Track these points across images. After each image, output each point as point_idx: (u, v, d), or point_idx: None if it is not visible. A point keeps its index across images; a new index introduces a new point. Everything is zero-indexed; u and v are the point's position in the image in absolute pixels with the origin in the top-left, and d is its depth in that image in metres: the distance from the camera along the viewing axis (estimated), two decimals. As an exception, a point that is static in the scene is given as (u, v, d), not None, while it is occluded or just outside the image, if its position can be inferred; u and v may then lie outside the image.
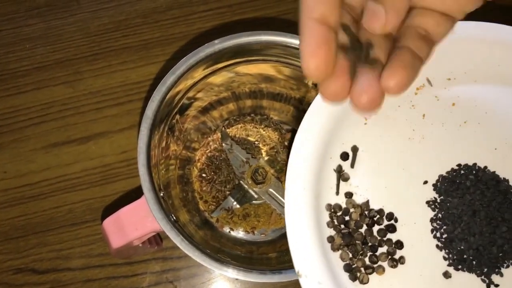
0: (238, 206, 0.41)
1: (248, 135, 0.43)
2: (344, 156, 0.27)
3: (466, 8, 0.21)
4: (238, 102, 0.42)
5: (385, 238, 0.27)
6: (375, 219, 0.27)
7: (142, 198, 0.31)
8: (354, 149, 0.27)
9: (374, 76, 0.19)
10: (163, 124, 0.34)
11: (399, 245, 0.27)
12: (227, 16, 0.49)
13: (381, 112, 0.27)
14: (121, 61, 0.47)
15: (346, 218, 0.27)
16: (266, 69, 0.37)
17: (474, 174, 0.28)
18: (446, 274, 0.26)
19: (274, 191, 0.40)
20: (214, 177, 0.42)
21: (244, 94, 0.41)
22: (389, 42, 0.20)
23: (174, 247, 0.40)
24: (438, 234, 0.27)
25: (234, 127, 0.43)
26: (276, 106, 0.42)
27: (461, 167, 0.28)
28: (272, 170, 0.41)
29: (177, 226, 0.31)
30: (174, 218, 0.32)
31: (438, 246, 0.27)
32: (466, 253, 0.26)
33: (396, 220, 0.27)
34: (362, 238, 0.26)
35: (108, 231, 0.31)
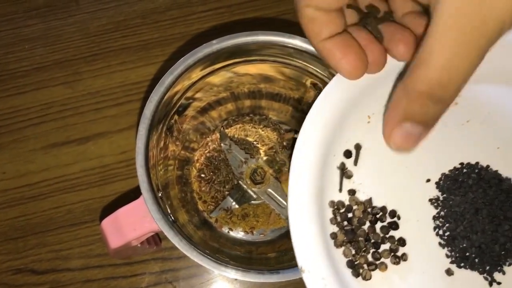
0: (237, 206, 0.41)
1: (247, 135, 0.43)
2: (347, 153, 0.27)
3: None
4: (236, 102, 0.42)
5: (387, 235, 0.27)
6: (378, 216, 0.27)
7: (140, 199, 0.31)
8: (358, 147, 0.27)
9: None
10: (162, 124, 0.34)
11: (402, 242, 0.27)
12: (226, 16, 0.49)
13: (384, 110, 0.27)
14: (120, 61, 0.47)
15: (349, 215, 0.27)
16: (265, 69, 0.37)
17: (477, 173, 0.28)
18: (449, 272, 0.26)
19: (272, 191, 0.40)
20: (213, 177, 0.42)
21: (242, 94, 0.41)
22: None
23: (173, 248, 0.40)
24: (441, 232, 0.27)
25: (233, 127, 0.43)
26: (274, 106, 0.42)
27: (463, 166, 0.28)
28: (270, 170, 0.41)
29: (175, 226, 0.31)
30: (173, 218, 0.32)
31: (440, 244, 0.27)
32: (468, 250, 0.26)
33: (399, 217, 0.27)
34: (365, 235, 0.27)
35: (106, 232, 0.31)
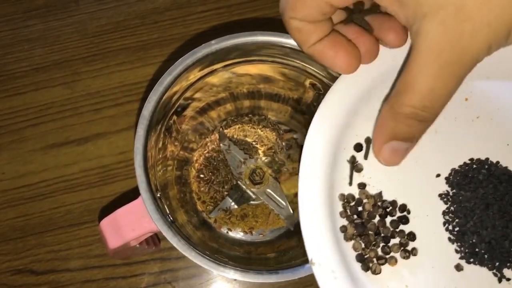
0: (236, 206, 0.41)
1: (246, 136, 0.43)
2: (357, 147, 0.27)
3: None
4: (236, 102, 0.42)
5: (397, 230, 0.27)
6: (388, 210, 0.27)
7: (139, 199, 0.31)
8: (368, 140, 0.28)
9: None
10: (160, 125, 0.34)
11: (412, 236, 0.27)
12: (226, 16, 0.49)
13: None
14: (119, 62, 0.47)
15: (359, 209, 0.27)
16: (264, 69, 0.37)
17: (487, 169, 0.28)
18: (458, 267, 0.26)
19: (272, 192, 0.40)
20: (212, 177, 0.42)
21: (242, 95, 0.41)
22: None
23: (172, 248, 0.39)
24: (450, 227, 0.27)
25: (232, 128, 0.43)
26: (274, 106, 0.42)
27: (473, 161, 0.28)
28: (269, 171, 0.41)
29: (174, 226, 0.31)
30: (171, 218, 0.32)
31: (450, 239, 0.27)
32: (478, 246, 0.26)
33: (408, 212, 0.27)
34: (375, 228, 0.27)
35: (105, 232, 0.31)
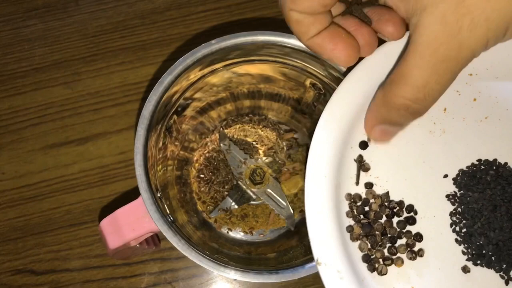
0: (236, 206, 0.41)
1: (246, 136, 0.43)
2: (362, 145, 0.27)
3: None
4: (236, 102, 0.42)
5: (404, 230, 0.27)
6: (395, 211, 0.27)
7: (139, 199, 0.31)
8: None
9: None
10: (161, 124, 0.34)
11: (419, 237, 0.27)
12: (225, 16, 0.48)
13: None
14: (119, 62, 0.47)
15: (366, 209, 0.27)
16: (264, 69, 0.37)
17: (495, 170, 0.28)
18: (465, 269, 0.26)
19: (272, 192, 0.40)
20: (212, 177, 0.42)
21: (242, 95, 0.41)
22: None
23: (172, 248, 0.40)
24: (458, 228, 0.27)
25: (232, 128, 0.43)
26: (274, 106, 0.42)
27: (481, 162, 0.28)
28: (270, 171, 0.41)
29: (174, 226, 0.30)
30: (172, 218, 0.32)
31: (457, 240, 0.27)
32: (485, 248, 0.26)
33: (415, 212, 0.27)
34: (381, 229, 0.26)
35: (105, 232, 0.31)
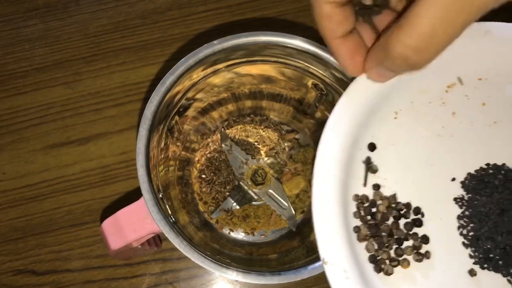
0: (237, 207, 0.41)
1: (247, 136, 0.43)
2: (371, 146, 0.27)
3: None
4: (237, 103, 0.42)
5: (411, 232, 0.27)
6: (402, 213, 0.27)
7: (140, 200, 0.31)
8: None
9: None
10: (162, 125, 0.34)
11: (425, 239, 0.27)
12: (226, 16, 0.48)
13: (411, 107, 0.28)
14: (120, 62, 0.47)
15: (373, 210, 0.27)
16: (266, 69, 0.37)
17: (503, 174, 0.28)
18: (472, 272, 0.26)
19: (273, 192, 0.40)
20: (214, 178, 0.42)
21: (243, 95, 0.41)
22: None
23: (174, 249, 0.39)
24: (465, 232, 0.27)
25: (233, 128, 0.43)
26: (275, 106, 0.42)
27: (489, 166, 0.28)
28: (271, 171, 0.41)
29: (176, 227, 0.30)
30: (173, 219, 0.32)
31: (464, 244, 0.27)
32: (492, 252, 0.26)
33: (423, 214, 0.27)
34: (388, 230, 0.26)
35: (106, 233, 0.31)
